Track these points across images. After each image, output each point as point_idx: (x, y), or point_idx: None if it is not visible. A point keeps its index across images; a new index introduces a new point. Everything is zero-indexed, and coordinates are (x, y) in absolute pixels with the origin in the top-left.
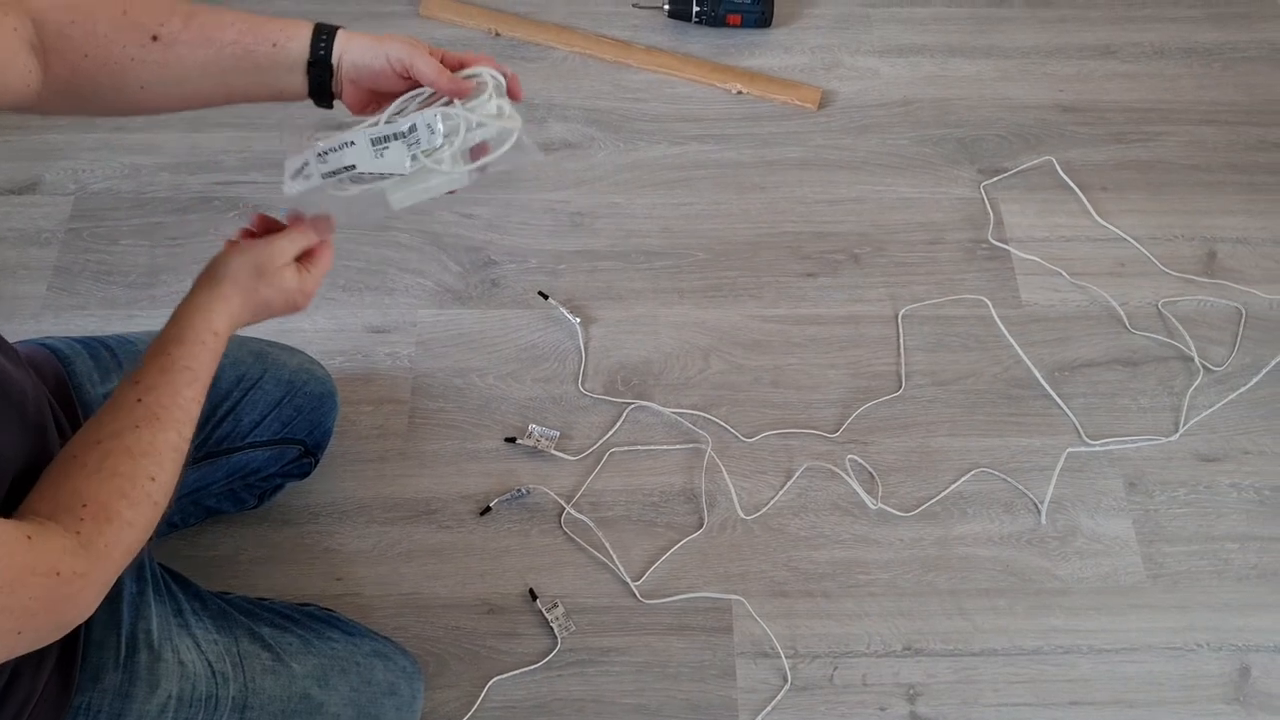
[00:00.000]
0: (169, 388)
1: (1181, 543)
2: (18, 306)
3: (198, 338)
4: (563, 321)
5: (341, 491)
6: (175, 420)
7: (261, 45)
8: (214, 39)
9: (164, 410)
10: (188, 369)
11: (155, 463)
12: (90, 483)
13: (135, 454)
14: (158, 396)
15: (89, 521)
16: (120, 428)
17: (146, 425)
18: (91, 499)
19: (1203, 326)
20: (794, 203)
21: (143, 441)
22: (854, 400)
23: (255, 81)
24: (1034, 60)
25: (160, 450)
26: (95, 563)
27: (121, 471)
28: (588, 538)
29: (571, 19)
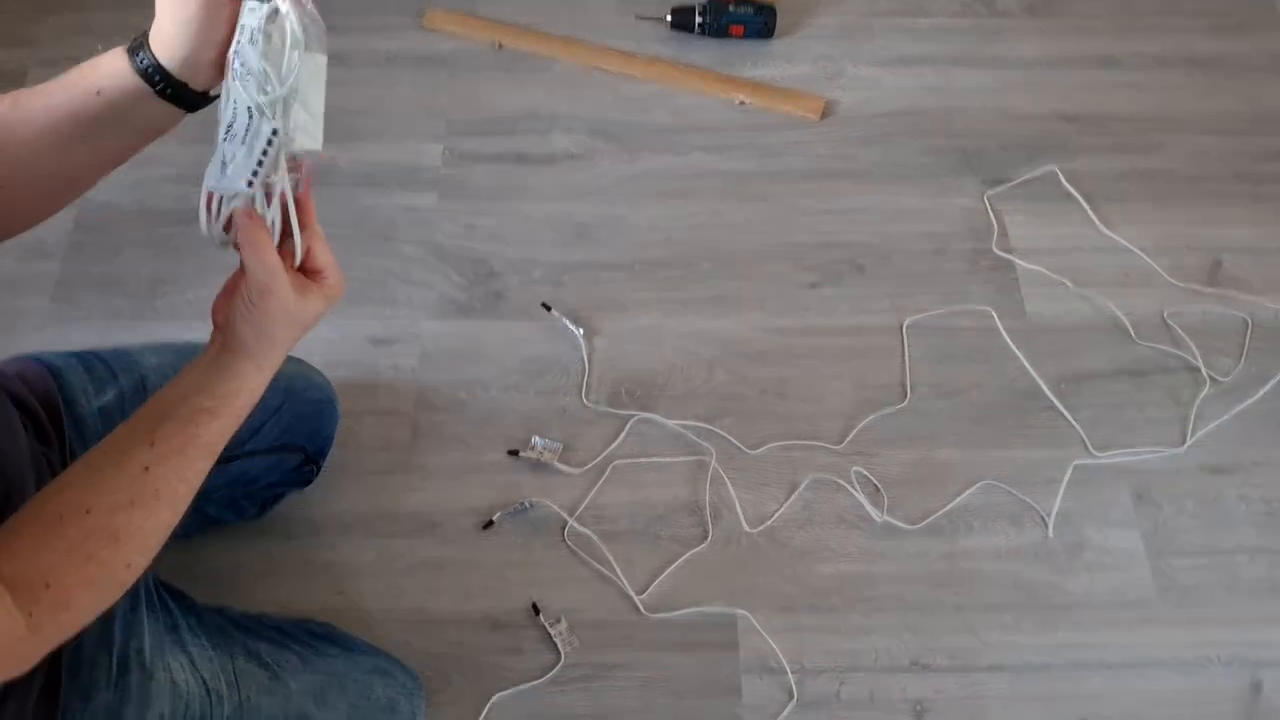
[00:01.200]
0: (182, 463)
1: (1191, 555)
2: (20, 319)
3: (235, 412)
4: (566, 333)
5: (343, 504)
6: (175, 498)
7: (88, 101)
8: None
9: (168, 488)
10: (210, 444)
11: (137, 549)
12: (62, 561)
13: (120, 538)
14: (166, 471)
15: (46, 606)
16: (116, 501)
17: (142, 504)
18: (56, 581)
19: (1209, 337)
20: (797, 213)
21: (133, 524)
22: (859, 412)
23: (114, 133)
24: (1036, 70)
25: (147, 534)
26: (37, 645)
27: (98, 557)
28: (591, 551)
29: (575, 31)
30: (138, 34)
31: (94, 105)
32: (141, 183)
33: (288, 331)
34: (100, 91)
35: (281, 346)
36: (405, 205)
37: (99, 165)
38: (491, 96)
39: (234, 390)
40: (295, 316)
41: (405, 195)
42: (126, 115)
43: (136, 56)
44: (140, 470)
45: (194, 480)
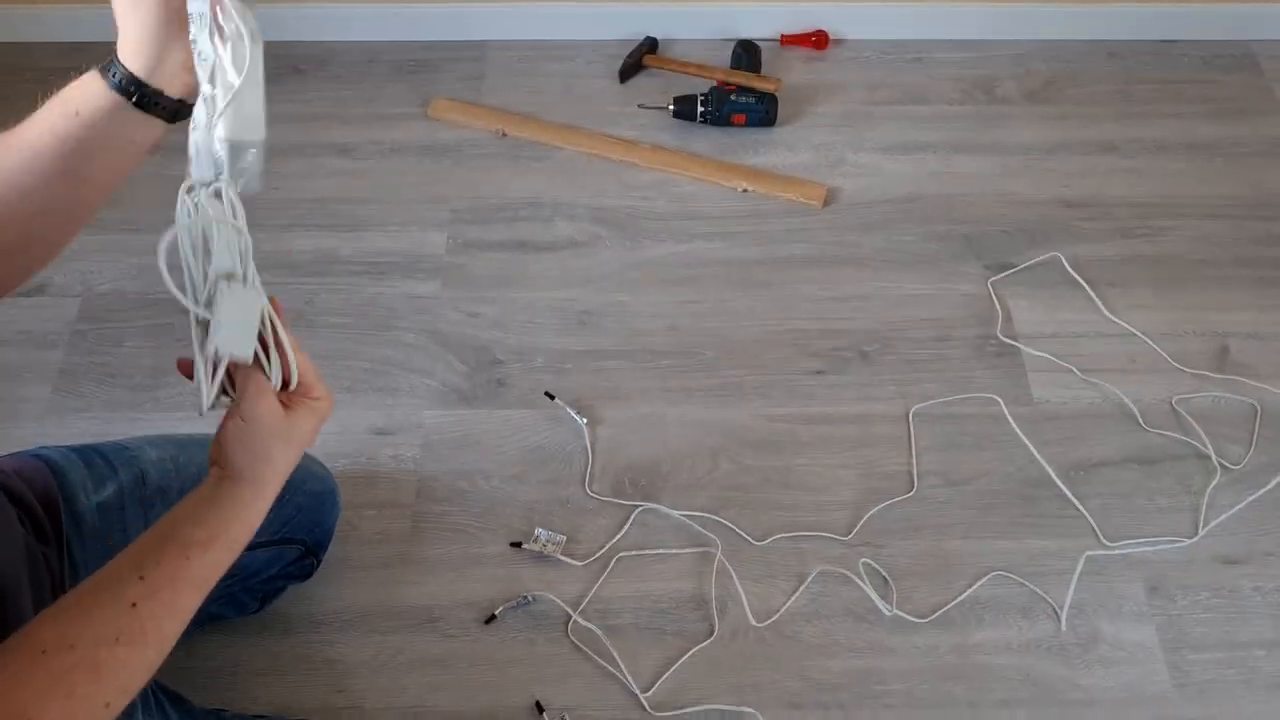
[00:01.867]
0: (171, 598)
1: (1207, 650)
2: (22, 409)
3: (230, 544)
4: (569, 422)
5: (343, 599)
6: (162, 637)
7: (69, 124)
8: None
9: (155, 626)
10: (200, 579)
11: (118, 688)
12: (40, 696)
13: (103, 676)
14: (155, 607)
15: None
16: (101, 636)
17: (128, 642)
18: (36, 715)
19: (1218, 424)
20: (801, 300)
21: (116, 661)
22: (866, 501)
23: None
24: (1036, 156)
25: (131, 673)
26: None
27: (78, 694)
28: (595, 646)
29: (577, 119)
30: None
31: (74, 127)
32: (145, 270)
33: (281, 451)
34: (79, 112)
35: (276, 468)
36: (408, 293)
37: (91, 193)
38: (495, 184)
39: (227, 520)
40: (287, 434)
41: (408, 283)
42: (108, 133)
43: (109, 72)
44: (128, 606)
45: (182, 617)
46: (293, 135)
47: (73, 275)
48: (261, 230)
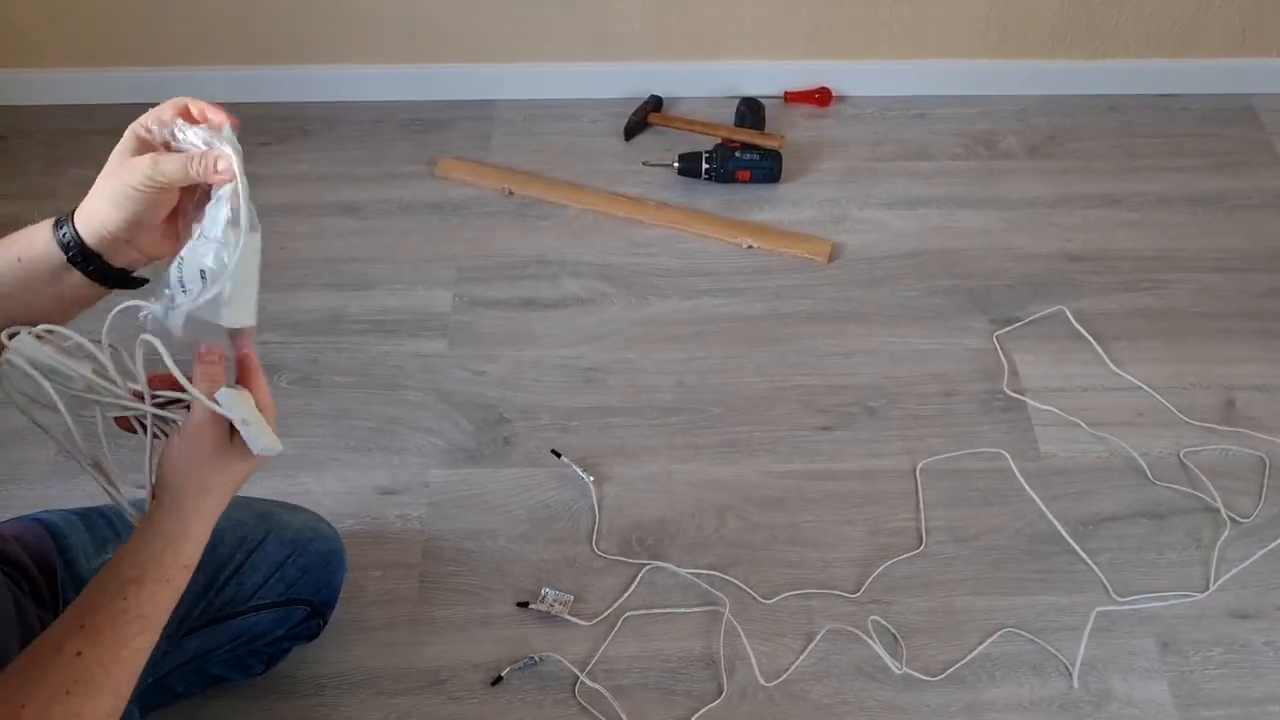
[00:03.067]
0: (115, 641)
1: (1220, 706)
2: (26, 471)
3: (163, 576)
4: (576, 480)
5: (348, 661)
6: (114, 682)
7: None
8: None
9: (104, 671)
10: (142, 617)
11: None
12: None
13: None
14: (100, 654)
15: None
16: (51, 690)
17: (79, 693)
18: None
19: (1227, 477)
20: (806, 355)
21: (69, 713)
22: (874, 558)
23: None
24: (1039, 210)
25: None
26: None
27: None
28: (603, 708)
29: (583, 177)
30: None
31: (15, 271)
32: None
33: (217, 476)
34: (20, 259)
35: (209, 495)
36: (414, 352)
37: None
38: (502, 243)
39: (157, 551)
40: (226, 461)
41: (415, 342)
42: (43, 283)
43: (59, 228)
44: (73, 656)
45: (132, 660)
46: (300, 195)
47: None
48: (268, 289)
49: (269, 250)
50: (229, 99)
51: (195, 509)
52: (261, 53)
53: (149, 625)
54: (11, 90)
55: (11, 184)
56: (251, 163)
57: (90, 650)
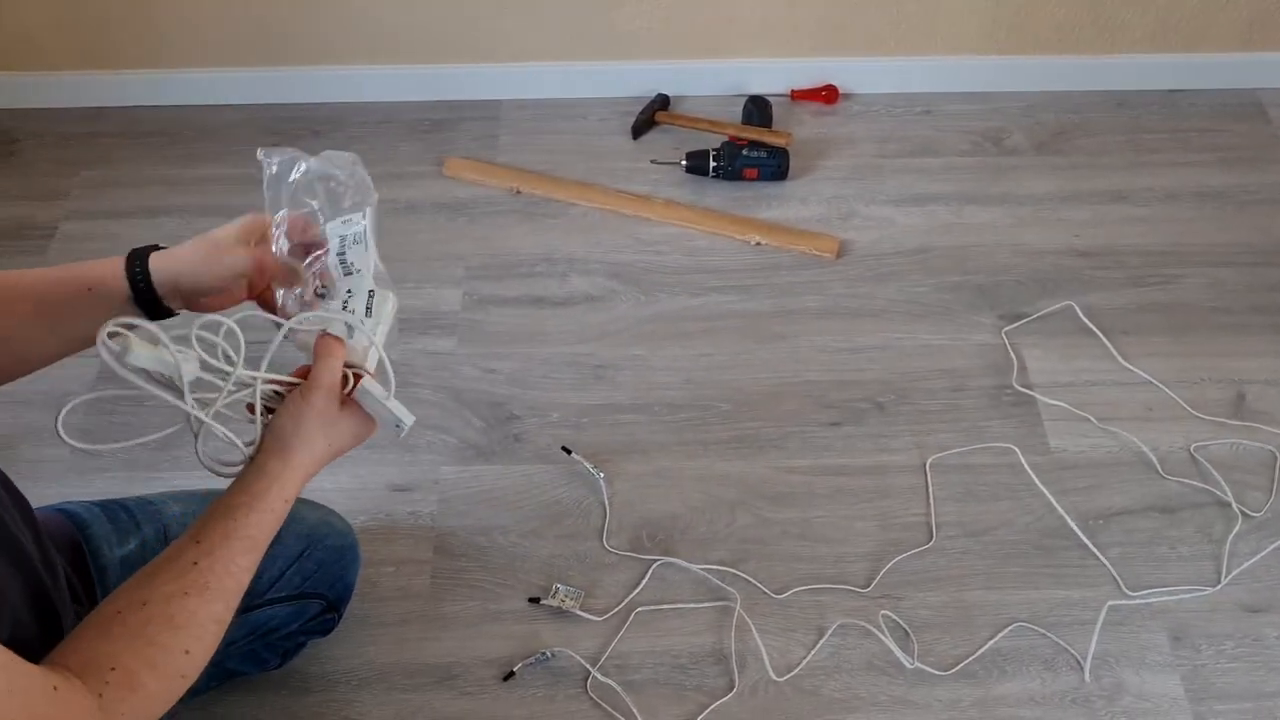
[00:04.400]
0: (226, 555)
1: (1233, 700)
2: (42, 469)
3: (269, 506)
4: (586, 476)
5: (361, 657)
6: (225, 590)
7: (78, 293)
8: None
9: (216, 579)
10: (249, 537)
11: (194, 636)
12: (124, 647)
13: (177, 624)
14: (213, 563)
15: (114, 687)
16: (170, 591)
17: (195, 594)
18: (121, 665)
19: (1237, 471)
20: (815, 351)
21: (187, 611)
22: (884, 553)
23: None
24: (1047, 206)
25: (202, 623)
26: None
27: (159, 641)
28: (615, 703)
29: (591, 175)
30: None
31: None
32: (166, 329)
33: (320, 433)
34: (91, 289)
35: (312, 449)
36: (424, 350)
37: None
38: (510, 241)
39: (264, 487)
40: (332, 424)
41: (424, 340)
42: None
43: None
44: (189, 564)
45: (240, 574)
46: None
47: None
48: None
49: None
50: (237, 100)
51: (298, 454)
52: (269, 54)
53: (254, 545)
54: (21, 93)
55: (22, 186)
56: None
57: (204, 560)
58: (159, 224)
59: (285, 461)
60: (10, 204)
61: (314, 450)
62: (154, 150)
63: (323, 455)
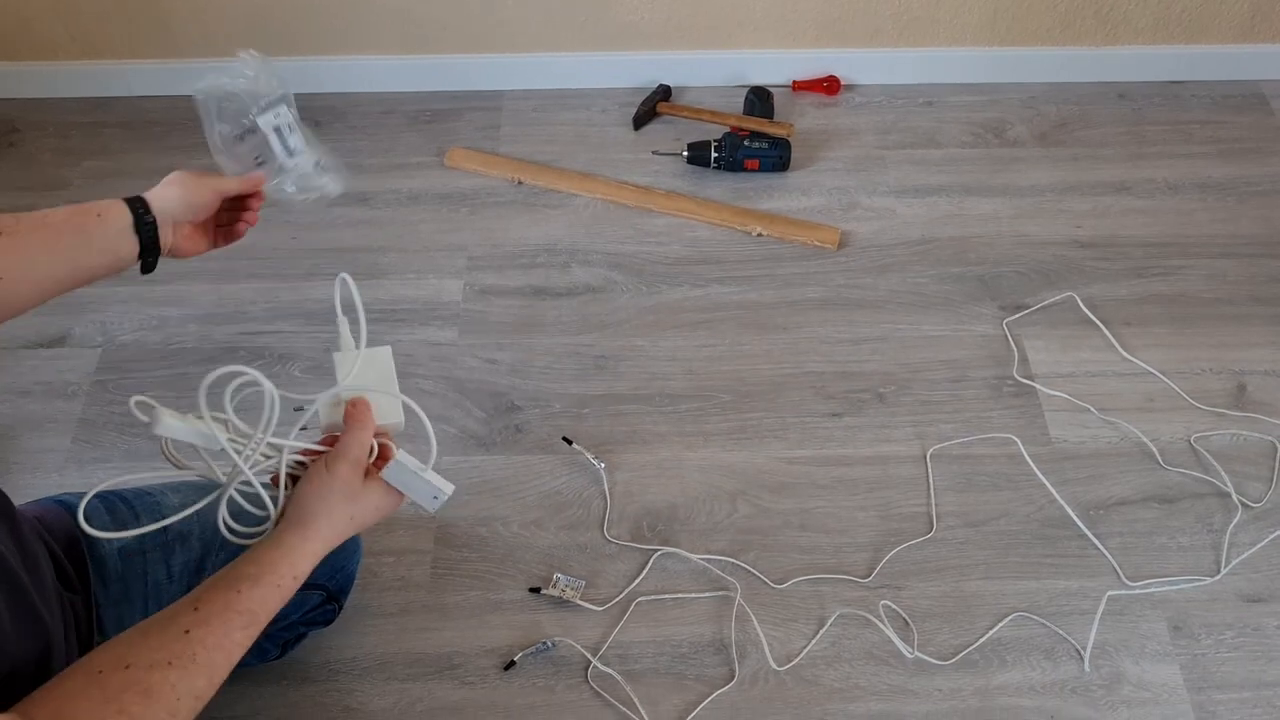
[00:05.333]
0: (222, 628)
1: (1233, 689)
2: (42, 460)
3: (277, 581)
4: (587, 467)
5: (361, 646)
6: (212, 665)
7: (88, 219)
8: (47, 222)
9: (205, 652)
10: (249, 612)
11: (167, 710)
12: (93, 710)
13: (152, 696)
14: (206, 634)
15: None
16: (155, 659)
17: (180, 666)
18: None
19: (1238, 461)
20: (817, 342)
21: (167, 684)
22: (885, 543)
23: (94, 250)
24: (1049, 198)
25: (180, 697)
26: None
27: (129, 711)
28: (615, 692)
29: (592, 166)
30: None
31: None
32: (165, 322)
33: (342, 509)
34: (101, 214)
35: (334, 522)
36: (426, 340)
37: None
38: (511, 232)
39: (275, 559)
40: (353, 496)
41: (426, 330)
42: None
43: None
44: (181, 632)
45: (233, 650)
46: None
47: (93, 326)
48: (280, 279)
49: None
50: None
51: (317, 529)
52: (272, 44)
53: (253, 621)
54: (24, 83)
55: (25, 175)
56: None
57: (197, 631)
58: None
59: (303, 535)
60: (12, 194)
61: (335, 524)
62: (156, 140)
63: (343, 530)
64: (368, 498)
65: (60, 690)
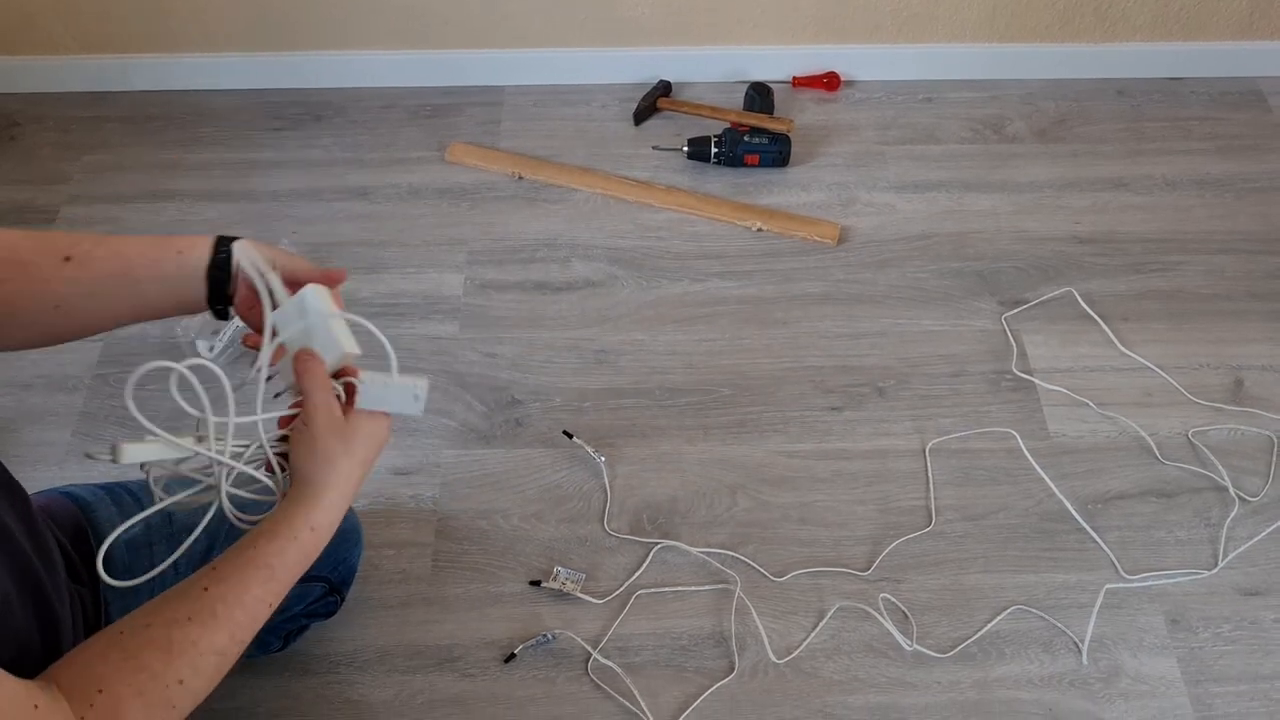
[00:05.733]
0: (240, 584)
1: (1230, 682)
2: (43, 453)
3: (292, 533)
4: (587, 460)
5: (363, 639)
6: (232, 621)
7: (168, 254)
8: (123, 254)
9: (225, 608)
10: (267, 566)
11: (190, 666)
12: (115, 670)
13: (173, 652)
14: (224, 591)
15: (97, 710)
16: (174, 616)
17: (199, 621)
18: (109, 689)
19: (1235, 456)
20: (816, 337)
21: (188, 639)
22: (884, 536)
23: (162, 290)
24: (1048, 194)
25: (202, 653)
26: None
27: (151, 668)
28: (615, 685)
29: (592, 161)
30: None
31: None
32: None
33: (339, 449)
34: (181, 251)
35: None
36: (426, 334)
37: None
38: (512, 226)
39: (291, 514)
40: (341, 434)
41: (427, 324)
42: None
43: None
44: (200, 590)
45: (254, 606)
46: (312, 180)
47: None
48: None
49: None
50: (241, 85)
51: (323, 479)
52: (273, 39)
53: (271, 576)
54: (24, 77)
55: (25, 169)
56: (263, 148)
57: (215, 588)
58: (160, 208)
59: (312, 490)
60: (12, 188)
61: (339, 470)
62: (156, 135)
63: (350, 472)
64: (356, 434)
65: (83, 655)
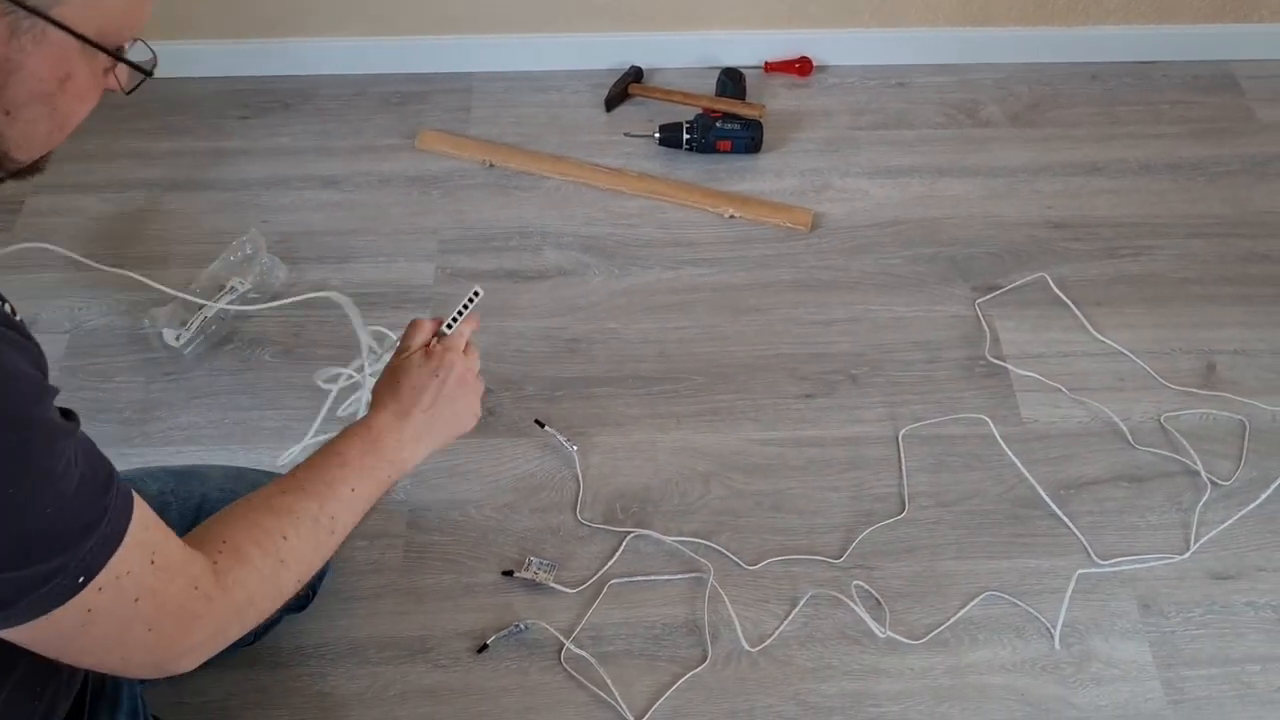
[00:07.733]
0: (320, 469)
1: (1201, 666)
2: None
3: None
4: (560, 450)
5: (334, 631)
6: (317, 492)
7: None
8: None
9: (309, 483)
10: (339, 453)
11: (290, 523)
12: (233, 528)
13: (276, 511)
14: (308, 474)
15: (225, 555)
16: (271, 490)
17: (292, 492)
18: (230, 539)
19: (1207, 440)
20: (789, 324)
21: (284, 503)
22: (857, 524)
23: None
24: (1021, 179)
25: (296, 512)
26: (221, 594)
27: (262, 524)
28: (589, 674)
29: (564, 149)
30: None
31: None
32: (135, 305)
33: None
34: None
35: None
36: (398, 324)
37: None
38: (483, 214)
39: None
40: (423, 363)
41: (398, 314)
42: None
43: None
44: (289, 478)
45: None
46: (280, 168)
47: (61, 311)
48: None
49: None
50: (209, 73)
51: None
52: (240, 26)
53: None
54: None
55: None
56: (231, 137)
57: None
58: (128, 198)
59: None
60: None
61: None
62: (123, 123)
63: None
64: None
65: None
